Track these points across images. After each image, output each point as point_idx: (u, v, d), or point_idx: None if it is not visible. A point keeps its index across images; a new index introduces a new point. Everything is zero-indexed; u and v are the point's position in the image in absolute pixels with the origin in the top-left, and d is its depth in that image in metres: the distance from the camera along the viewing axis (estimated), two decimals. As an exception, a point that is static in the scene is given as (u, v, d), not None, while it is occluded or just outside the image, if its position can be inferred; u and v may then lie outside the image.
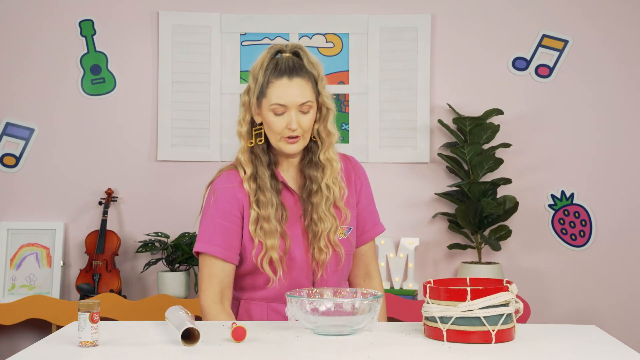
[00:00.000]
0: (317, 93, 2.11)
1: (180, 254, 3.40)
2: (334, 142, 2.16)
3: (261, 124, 2.13)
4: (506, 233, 3.50)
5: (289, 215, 2.13)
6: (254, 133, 2.14)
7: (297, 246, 2.12)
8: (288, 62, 2.08)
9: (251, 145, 2.13)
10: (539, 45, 3.62)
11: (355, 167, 2.26)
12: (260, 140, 2.13)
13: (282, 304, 2.06)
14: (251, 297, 2.18)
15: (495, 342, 1.69)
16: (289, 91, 2.06)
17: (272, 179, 2.13)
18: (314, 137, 2.15)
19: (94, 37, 3.61)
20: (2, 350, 3.54)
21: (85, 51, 3.61)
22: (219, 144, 3.59)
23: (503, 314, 1.70)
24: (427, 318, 1.77)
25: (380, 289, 2.28)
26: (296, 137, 2.08)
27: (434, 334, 1.73)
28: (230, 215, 2.13)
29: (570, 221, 3.61)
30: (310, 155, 2.16)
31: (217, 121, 3.59)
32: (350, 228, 2.17)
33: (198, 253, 2.17)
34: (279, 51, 2.11)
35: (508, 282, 1.79)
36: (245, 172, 2.13)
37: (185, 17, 3.61)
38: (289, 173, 2.18)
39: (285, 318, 1.96)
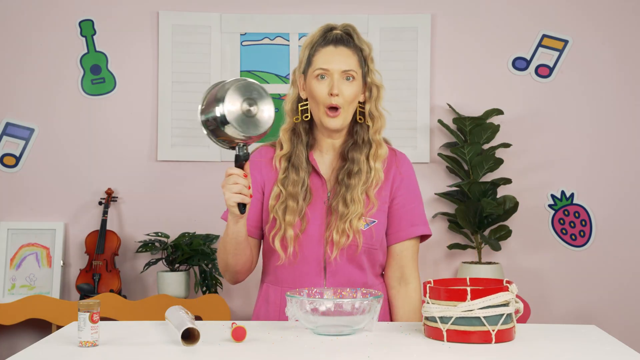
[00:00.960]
0: (366, 69, 2.12)
1: (180, 254, 3.40)
2: (384, 124, 2.13)
3: (307, 100, 2.12)
4: (506, 233, 3.50)
5: (312, 197, 2.11)
6: (299, 109, 2.13)
7: (314, 226, 2.09)
8: (337, 35, 2.10)
9: (297, 122, 2.13)
10: (539, 45, 3.62)
11: (400, 162, 2.18)
12: (306, 117, 2.12)
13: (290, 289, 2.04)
14: (267, 280, 2.17)
15: (495, 342, 1.69)
16: (333, 57, 2.07)
17: (306, 160, 2.13)
18: (361, 119, 2.13)
19: (94, 37, 3.62)
20: (2, 350, 3.54)
21: (85, 51, 3.61)
22: (219, 144, 3.59)
23: (503, 314, 1.70)
24: (427, 318, 1.77)
25: (416, 295, 2.16)
26: (337, 108, 2.06)
27: (434, 334, 1.74)
28: (254, 190, 2.13)
29: (570, 221, 3.61)
30: (355, 137, 2.14)
31: (217, 121, 3.59)
32: (375, 221, 2.09)
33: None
34: (331, 28, 2.13)
35: (508, 282, 1.79)
36: (282, 148, 2.13)
37: (185, 17, 3.61)
38: (326, 156, 2.15)
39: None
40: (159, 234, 3.48)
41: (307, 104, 2.12)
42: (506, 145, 3.50)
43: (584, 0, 3.63)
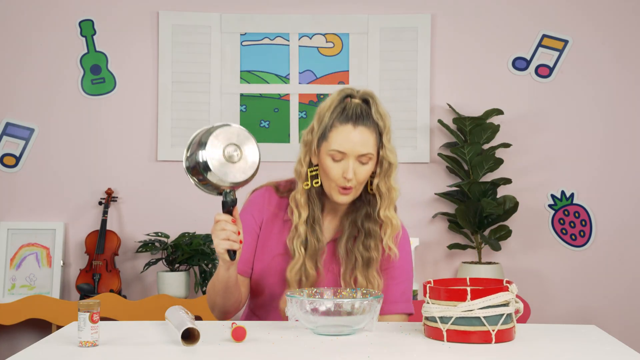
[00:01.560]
0: (380, 145, 2.03)
1: (180, 254, 3.40)
2: (395, 198, 2.07)
3: (317, 165, 2.06)
4: (506, 233, 3.50)
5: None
6: (309, 175, 2.07)
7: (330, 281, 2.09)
8: (356, 109, 2.00)
9: (307, 188, 2.07)
10: (539, 45, 3.62)
11: (402, 237, 2.15)
12: (317, 182, 2.06)
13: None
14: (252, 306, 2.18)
15: (495, 342, 1.69)
16: (351, 139, 1.98)
17: (320, 222, 2.09)
18: (372, 191, 2.08)
19: (94, 37, 3.62)
20: (2, 350, 3.54)
21: (85, 51, 3.61)
22: (219, 144, 3.59)
23: (503, 314, 1.70)
24: (427, 318, 1.77)
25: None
26: (350, 188, 2.01)
27: (434, 334, 1.73)
28: (250, 230, 2.11)
29: (570, 221, 3.61)
30: (367, 208, 2.08)
31: (217, 121, 3.59)
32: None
33: None
34: (349, 95, 2.04)
35: (508, 282, 1.79)
36: (299, 215, 2.06)
37: (185, 17, 3.61)
38: (329, 216, 2.13)
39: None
40: (159, 234, 3.48)
41: (316, 170, 2.07)
42: (506, 145, 3.50)
43: (584, 0, 3.63)
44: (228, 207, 1.87)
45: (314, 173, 2.07)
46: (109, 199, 3.55)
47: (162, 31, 3.60)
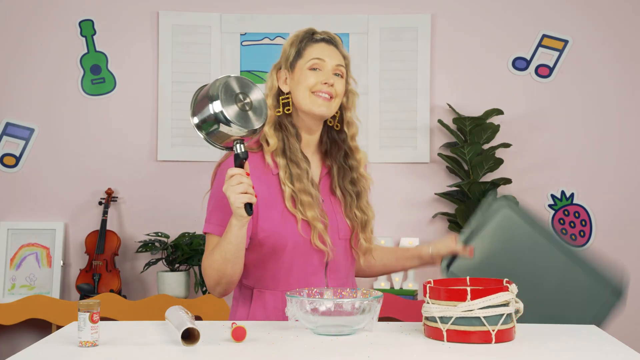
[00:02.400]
0: (347, 75, 2.15)
1: (180, 254, 3.40)
2: (357, 131, 2.19)
3: (288, 93, 2.12)
4: (506, 233, 3.49)
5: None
6: (281, 102, 2.12)
7: (335, 224, 2.11)
8: (324, 36, 2.14)
9: (278, 114, 2.11)
10: (539, 45, 3.62)
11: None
12: (288, 110, 2.11)
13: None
14: (260, 285, 2.10)
15: (495, 342, 1.69)
16: (328, 52, 2.11)
17: (301, 151, 2.11)
18: (337, 125, 2.17)
19: (94, 37, 3.62)
20: (2, 350, 3.54)
21: (85, 51, 3.61)
22: (219, 144, 3.59)
23: (503, 314, 1.70)
24: (427, 318, 1.77)
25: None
26: (331, 95, 2.08)
27: (434, 334, 1.73)
28: None
29: (570, 221, 3.61)
30: (339, 144, 2.17)
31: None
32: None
33: (206, 234, 2.10)
34: (314, 32, 2.16)
35: (508, 282, 1.79)
36: (268, 144, 2.08)
37: (185, 17, 3.61)
38: (307, 152, 2.15)
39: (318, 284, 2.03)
40: (159, 234, 3.48)
41: (288, 97, 2.12)
42: (506, 145, 3.50)
43: (584, 0, 3.63)
44: (241, 160, 1.87)
45: (285, 101, 2.12)
46: (109, 199, 3.55)
47: (162, 31, 3.60)
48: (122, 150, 3.62)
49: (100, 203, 3.58)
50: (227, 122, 1.82)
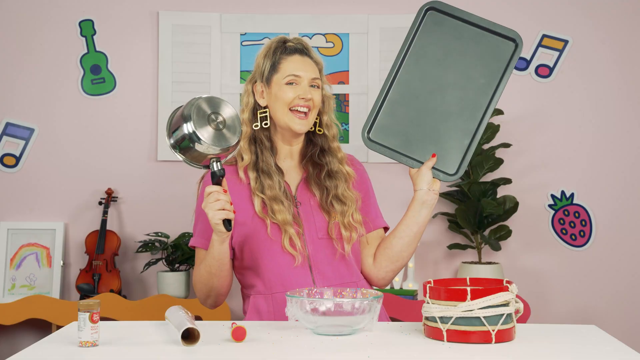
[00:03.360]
0: (321, 83, 2.18)
1: (180, 254, 3.40)
2: (337, 132, 2.23)
3: (266, 107, 2.15)
4: (506, 233, 3.50)
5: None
6: (259, 116, 2.16)
7: (309, 225, 2.11)
8: (297, 45, 2.17)
9: (256, 128, 2.15)
10: (539, 45, 3.62)
11: (355, 162, 2.29)
12: (266, 123, 2.15)
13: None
14: (253, 292, 2.15)
15: (495, 342, 1.69)
16: (303, 65, 2.14)
17: (275, 165, 2.15)
18: (323, 129, 2.20)
19: (94, 37, 3.62)
20: (2, 350, 3.54)
21: (85, 51, 3.61)
22: (219, 144, 3.59)
23: (503, 314, 1.70)
24: (427, 318, 1.77)
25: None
26: (306, 114, 2.11)
27: (434, 334, 1.74)
28: None
29: (570, 221, 3.61)
30: (321, 144, 2.20)
31: (217, 121, 3.59)
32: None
33: (193, 247, 2.19)
34: (286, 40, 2.18)
35: (508, 282, 1.79)
36: (242, 159, 2.14)
37: (185, 17, 3.61)
38: (286, 162, 2.19)
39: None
40: (159, 234, 3.48)
41: (266, 112, 2.15)
42: (506, 145, 3.50)
43: (584, 0, 3.63)
44: (217, 178, 1.90)
45: (263, 115, 2.15)
46: (109, 199, 3.55)
47: (162, 31, 3.60)
48: (122, 150, 3.62)
49: (100, 203, 3.58)
50: (201, 142, 1.85)
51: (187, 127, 1.84)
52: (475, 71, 2.17)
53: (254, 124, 2.15)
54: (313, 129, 2.20)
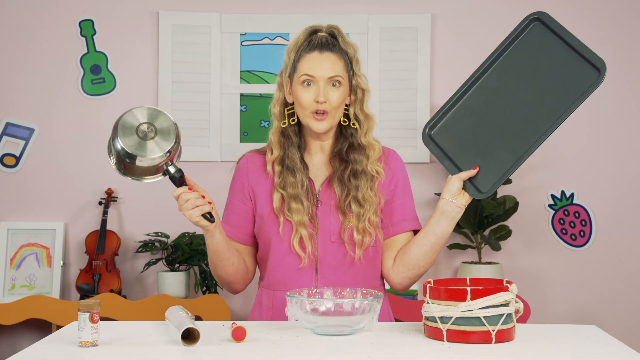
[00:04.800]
0: (351, 73, 2.10)
1: (180, 254, 3.40)
2: (372, 125, 2.13)
3: (293, 104, 2.12)
4: (506, 233, 3.50)
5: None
6: (286, 113, 2.13)
7: (324, 227, 2.09)
8: (322, 39, 2.08)
9: (284, 126, 2.12)
10: (539, 45, 3.61)
11: (390, 158, 2.20)
12: (293, 120, 2.12)
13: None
14: (261, 284, 2.17)
15: (495, 342, 1.69)
16: (319, 64, 2.05)
17: (301, 161, 2.12)
18: (345, 121, 2.13)
19: (94, 37, 3.62)
20: (2, 350, 3.54)
21: (85, 51, 3.61)
22: (219, 144, 3.59)
23: (503, 314, 1.70)
24: (427, 318, 1.77)
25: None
26: (324, 113, 2.05)
27: (434, 334, 1.74)
28: (241, 195, 2.15)
29: (570, 221, 3.61)
30: (350, 140, 2.12)
31: (217, 121, 3.59)
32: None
33: None
34: (316, 30, 2.11)
35: (508, 282, 1.79)
36: (272, 153, 2.13)
37: (185, 17, 3.61)
38: (315, 158, 2.15)
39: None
40: (159, 234, 3.48)
41: (293, 108, 2.12)
42: (506, 145, 3.49)
43: (584, 1, 3.62)
44: (178, 180, 1.93)
45: (290, 111, 2.13)
46: (109, 199, 3.55)
47: (162, 31, 3.60)
48: (122, 150, 3.61)
49: (100, 203, 3.58)
50: (131, 156, 1.87)
51: (115, 145, 1.89)
52: (551, 93, 2.04)
53: (282, 121, 2.12)
54: (347, 122, 2.13)
